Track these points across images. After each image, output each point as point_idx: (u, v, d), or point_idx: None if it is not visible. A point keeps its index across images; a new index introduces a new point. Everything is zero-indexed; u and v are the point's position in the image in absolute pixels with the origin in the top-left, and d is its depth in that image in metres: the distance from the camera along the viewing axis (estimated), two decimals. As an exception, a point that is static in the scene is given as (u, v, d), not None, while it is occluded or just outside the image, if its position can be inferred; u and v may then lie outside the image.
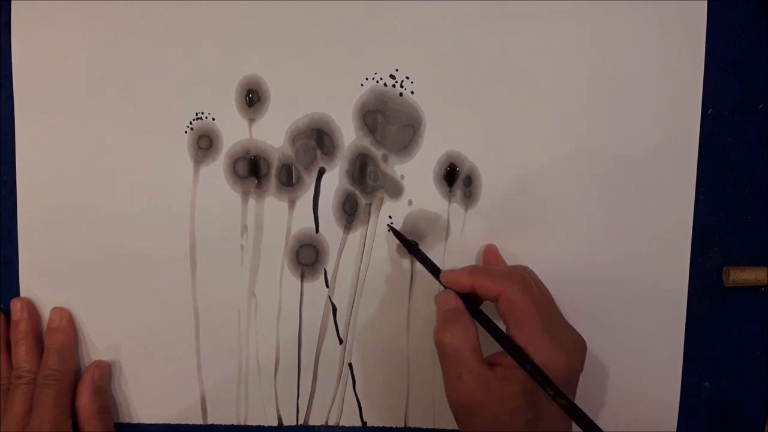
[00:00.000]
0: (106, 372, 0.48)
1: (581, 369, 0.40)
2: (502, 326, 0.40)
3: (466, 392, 0.38)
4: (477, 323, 0.40)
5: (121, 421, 0.49)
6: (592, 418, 0.47)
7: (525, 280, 0.40)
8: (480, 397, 0.38)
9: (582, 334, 0.41)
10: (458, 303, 0.41)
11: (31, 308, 0.48)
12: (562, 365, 0.38)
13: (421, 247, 0.47)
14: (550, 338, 0.38)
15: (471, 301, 0.41)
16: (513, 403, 0.38)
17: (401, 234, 0.47)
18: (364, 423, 0.49)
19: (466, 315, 0.40)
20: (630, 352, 0.48)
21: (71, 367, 0.47)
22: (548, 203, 0.47)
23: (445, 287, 0.42)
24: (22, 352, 0.47)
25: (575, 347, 0.40)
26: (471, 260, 0.47)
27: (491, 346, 0.40)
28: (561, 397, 0.36)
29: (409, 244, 0.46)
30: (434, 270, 0.44)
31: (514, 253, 0.47)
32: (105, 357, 0.49)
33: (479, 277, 0.40)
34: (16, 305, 0.48)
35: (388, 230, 0.47)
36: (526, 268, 0.43)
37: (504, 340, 0.39)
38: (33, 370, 0.47)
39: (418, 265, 0.47)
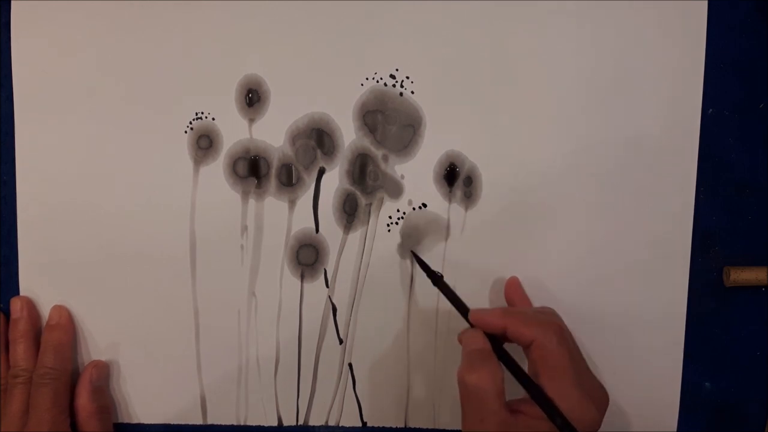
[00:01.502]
0: (104, 372, 0.48)
1: (601, 423, 0.39)
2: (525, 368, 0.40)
3: None
4: (503, 367, 0.39)
5: (120, 421, 0.49)
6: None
7: (561, 329, 0.39)
8: None
9: (582, 334, 0.41)
10: (486, 344, 0.40)
11: (31, 307, 0.48)
12: (590, 419, 0.37)
13: (421, 247, 0.47)
14: (581, 391, 0.37)
15: (498, 343, 0.41)
16: None
17: (426, 264, 0.46)
18: (364, 423, 0.49)
19: (494, 357, 0.39)
20: (630, 351, 0.47)
21: (68, 366, 0.47)
22: (548, 203, 0.47)
23: (472, 325, 0.42)
24: (20, 350, 0.47)
25: (602, 400, 0.39)
26: (473, 260, 0.47)
27: (511, 390, 0.39)
28: None
29: (434, 275, 0.45)
30: (462, 308, 0.43)
31: (514, 254, 0.47)
32: (105, 356, 0.49)
33: (513, 320, 0.39)
34: (16, 304, 0.48)
35: (412, 260, 0.47)
36: (556, 314, 0.42)
37: (533, 389, 0.38)
38: (30, 369, 0.46)
39: (418, 266, 0.47)
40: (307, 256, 0.48)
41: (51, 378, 0.46)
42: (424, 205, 0.47)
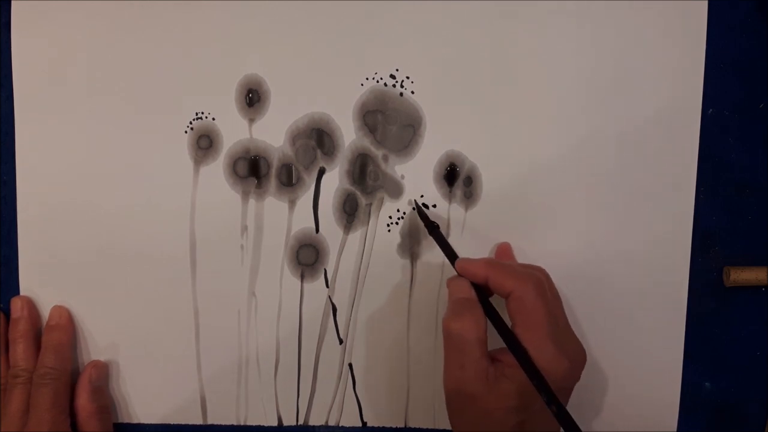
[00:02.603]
0: (103, 372, 0.48)
1: (578, 379, 0.40)
2: (509, 323, 0.40)
3: (465, 383, 0.38)
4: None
5: (120, 421, 0.49)
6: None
7: (540, 282, 0.40)
8: (477, 389, 0.38)
9: (582, 334, 0.41)
10: (471, 293, 0.41)
11: (32, 307, 0.48)
12: (561, 372, 0.38)
13: (420, 247, 0.47)
14: (554, 344, 0.38)
15: (482, 293, 0.41)
16: (508, 402, 0.37)
17: (425, 213, 0.46)
18: (364, 423, 0.49)
19: (478, 306, 0.40)
20: (630, 351, 0.47)
21: (68, 366, 0.47)
22: (549, 203, 0.47)
23: (459, 274, 0.42)
24: (20, 350, 0.47)
25: (577, 357, 0.40)
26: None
27: (495, 342, 0.40)
28: (554, 404, 0.36)
29: (431, 225, 0.45)
30: (451, 255, 0.43)
31: (514, 253, 0.47)
32: (104, 356, 0.49)
33: (495, 270, 0.40)
34: (16, 303, 0.48)
35: (413, 208, 0.47)
36: (543, 270, 0.43)
37: (509, 338, 0.39)
38: (30, 369, 0.46)
39: (419, 265, 0.47)
40: (307, 256, 0.48)
41: (51, 378, 0.46)
42: (425, 205, 0.47)
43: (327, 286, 0.48)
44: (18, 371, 0.46)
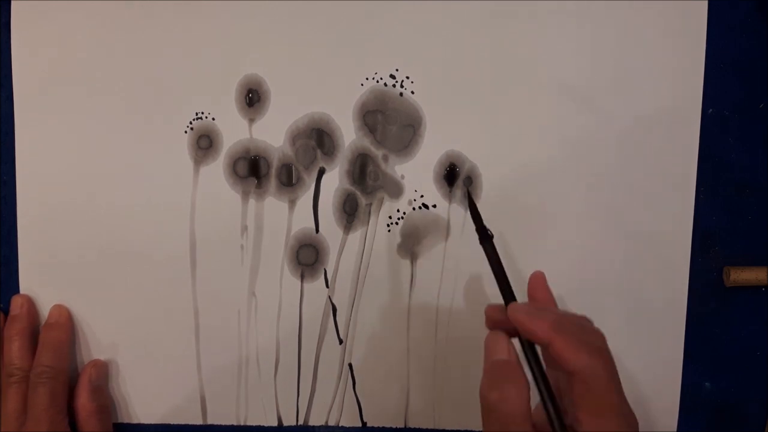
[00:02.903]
0: (103, 371, 0.48)
1: None
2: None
3: None
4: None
5: (120, 421, 0.49)
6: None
7: (611, 359, 0.34)
8: None
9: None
10: (512, 354, 0.35)
11: (31, 305, 0.48)
12: None
13: (420, 247, 0.47)
14: (626, 427, 0.33)
15: (530, 346, 0.36)
16: None
17: (480, 215, 0.41)
18: (364, 423, 0.49)
19: (521, 373, 0.34)
20: (630, 352, 0.47)
21: (65, 365, 0.47)
22: (548, 203, 0.47)
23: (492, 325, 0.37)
24: (15, 348, 0.46)
25: (635, 428, 0.35)
26: (473, 260, 0.47)
27: None
28: None
29: (485, 233, 0.40)
30: (506, 287, 0.38)
31: (514, 253, 0.47)
32: (105, 356, 0.49)
33: (564, 339, 0.33)
34: (16, 301, 0.47)
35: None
36: (600, 333, 0.36)
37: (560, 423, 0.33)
38: (25, 367, 0.46)
39: (419, 266, 0.47)
40: (307, 256, 0.48)
41: (48, 377, 0.45)
42: (425, 206, 0.47)
43: (327, 286, 0.48)
44: (13, 369, 0.45)
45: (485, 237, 0.40)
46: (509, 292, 0.37)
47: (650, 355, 0.48)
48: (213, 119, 0.47)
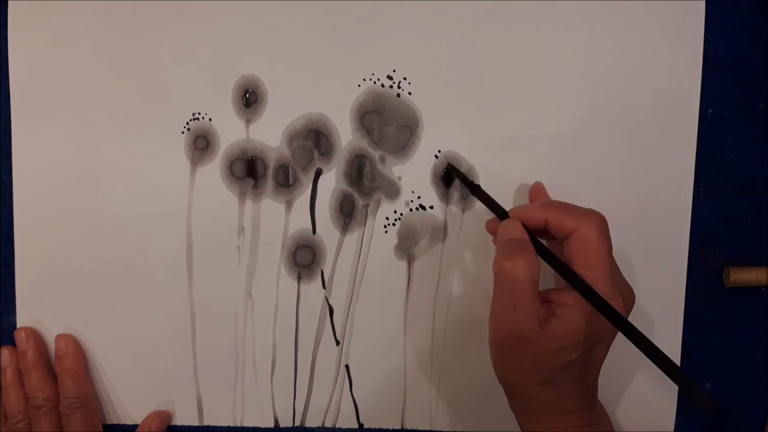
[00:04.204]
0: (166, 420, 0.49)
1: None
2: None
3: (517, 323, 0.37)
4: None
5: (116, 422, 0.50)
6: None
7: (602, 219, 0.39)
8: (529, 330, 0.37)
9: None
10: (524, 234, 0.39)
11: (36, 337, 0.48)
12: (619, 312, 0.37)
13: (417, 248, 0.47)
14: (611, 283, 0.37)
15: (533, 236, 0.40)
16: (560, 342, 0.37)
17: (463, 173, 0.46)
18: (360, 425, 0.49)
19: (531, 247, 0.38)
20: (628, 351, 0.47)
21: (89, 390, 0.48)
22: (546, 204, 0.47)
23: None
24: (35, 381, 0.47)
25: (628, 297, 0.39)
26: (470, 262, 0.47)
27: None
28: (624, 328, 0.36)
29: (471, 185, 0.45)
30: (500, 212, 0.42)
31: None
32: (102, 358, 0.49)
33: (555, 210, 0.39)
34: (20, 335, 0.47)
35: (446, 168, 0.47)
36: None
37: (569, 274, 0.38)
38: (49, 397, 0.47)
39: (415, 267, 0.47)
40: (304, 257, 0.48)
41: (78, 407, 0.46)
42: (422, 207, 0.47)
43: (324, 287, 0.48)
44: (39, 402, 0.46)
45: (473, 187, 0.44)
46: (505, 214, 0.42)
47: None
48: (210, 120, 0.47)
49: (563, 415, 0.38)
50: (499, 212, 0.42)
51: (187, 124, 0.47)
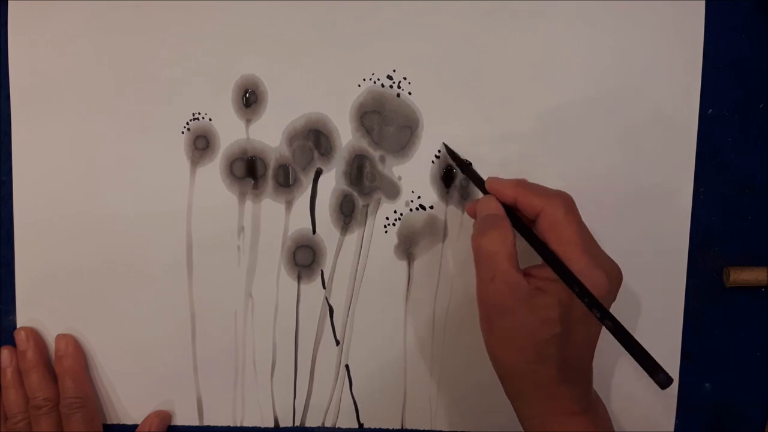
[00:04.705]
0: (166, 420, 0.49)
1: (614, 298, 0.39)
2: None
3: (496, 295, 0.38)
4: (517, 234, 0.40)
5: (116, 422, 0.50)
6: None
7: (569, 198, 0.40)
8: (510, 301, 0.38)
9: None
10: (498, 209, 0.40)
11: (36, 337, 0.48)
12: (603, 288, 0.37)
13: (417, 248, 0.47)
14: (589, 257, 0.38)
15: (513, 213, 0.41)
16: (543, 313, 0.37)
17: (454, 152, 0.46)
18: (360, 424, 0.49)
19: (506, 221, 0.39)
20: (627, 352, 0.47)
21: (89, 390, 0.48)
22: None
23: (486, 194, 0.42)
24: (35, 381, 0.47)
25: (613, 273, 0.39)
26: (470, 261, 0.47)
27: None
28: (608, 319, 0.35)
29: (462, 163, 0.45)
30: (482, 186, 0.43)
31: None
32: (102, 358, 0.49)
33: (524, 189, 0.40)
34: (20, 335, 0.48)
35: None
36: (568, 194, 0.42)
37: (543, 250, 0.38)
38: (49, 397, 0.47)
39: (415, 267, 0.47)
40: (304, 257, 0.48)
41: (78, 407, 0.46)
42: (422, 207, 0.47)
43: (324, 287, 0.48)
44: (39, 402, 0.46)
45: (465, 165, 0.45)
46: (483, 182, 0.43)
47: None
48: (210, 120, 0.47)
49: (557, 400, 0.38)
50: (482, 186, 0.43)
51: (187, 124, 0.47)
